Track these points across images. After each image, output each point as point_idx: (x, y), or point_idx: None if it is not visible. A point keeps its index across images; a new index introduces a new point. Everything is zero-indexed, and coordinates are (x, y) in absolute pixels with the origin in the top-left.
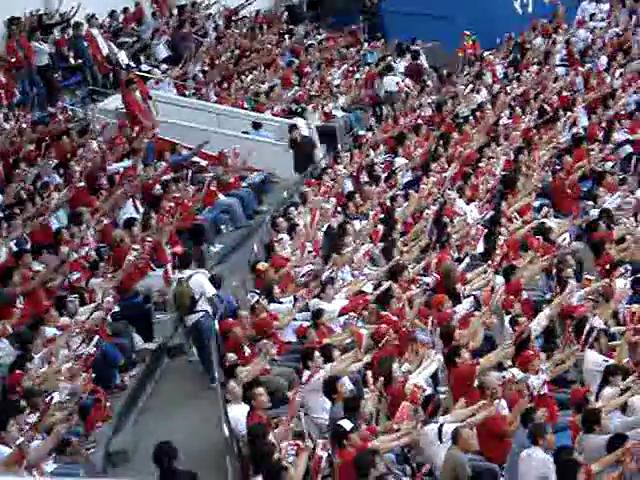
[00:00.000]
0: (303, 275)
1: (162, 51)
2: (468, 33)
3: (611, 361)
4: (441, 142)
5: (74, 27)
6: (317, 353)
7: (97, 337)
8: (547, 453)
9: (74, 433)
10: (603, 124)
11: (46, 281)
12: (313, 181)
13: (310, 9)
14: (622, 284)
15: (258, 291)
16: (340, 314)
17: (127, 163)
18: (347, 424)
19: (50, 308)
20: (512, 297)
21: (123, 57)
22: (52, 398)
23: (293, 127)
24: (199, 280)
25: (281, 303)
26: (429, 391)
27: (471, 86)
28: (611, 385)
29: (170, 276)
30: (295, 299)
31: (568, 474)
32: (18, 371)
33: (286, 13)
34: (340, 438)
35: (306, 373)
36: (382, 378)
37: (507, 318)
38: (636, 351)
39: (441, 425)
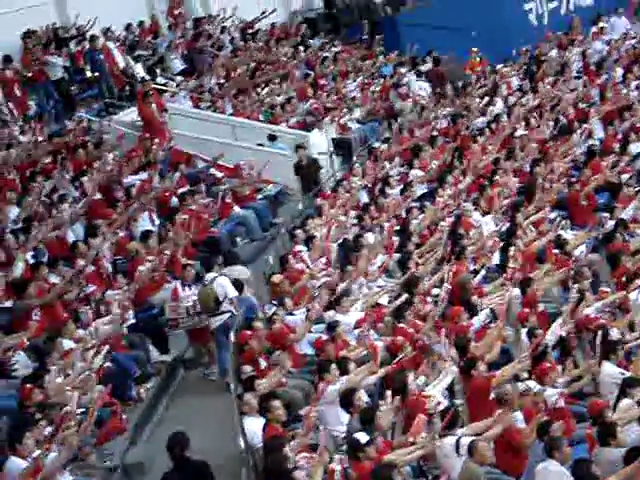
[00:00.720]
0: (319, 287)
1: (178, 64)
2: (475, 50)
3: (627, 373)
4: (456, 154)
5: (90, 40)
6: (333, 365)
7: (107, 348)
8: (563, 466)
9: (89, 444)
10: (619, 136)
11: (63, 293)
12: (328, 193)
13: (326, 22)
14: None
15: (274, 302)
16: (356, 327)
17: (143, 175)
18: (363, 437)
19: (67, 320)
20: (528, 309)
21: (139, 70)
22: (67, 411)
23: (299, 147)
24: (222, 282)
25: (293, 315)
26: (446, 403)
27: (487, 98)
28: (629, 397)
29: (179, 292)
30: (307, 310)
31: None
32: (29, 385)
33: (305, 25)
34: (356, 451)
35: (322, 386)
36: (397, 392)
37: (524, 331)
38: None
39: (459, 438)
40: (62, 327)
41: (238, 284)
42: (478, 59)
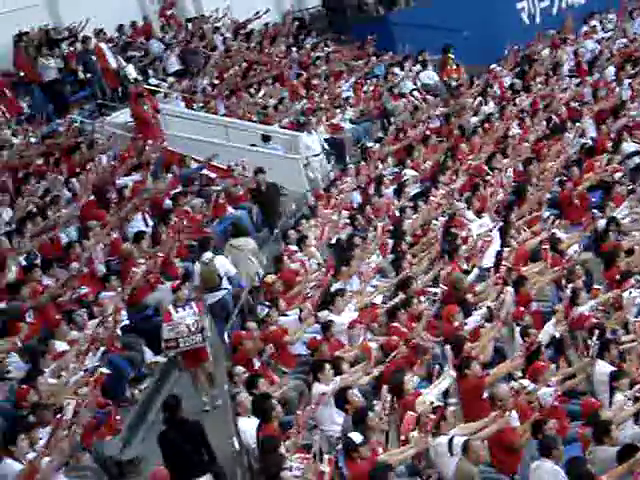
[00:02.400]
0: (312, 287)
1: (174, 64)
2: (452, 56)
3: None
4: (449, 154)
5: (82, 41)
6: (327, 365)
7: (102, 349)
8: (557, 465)
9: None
10: (612, 135)
11: (56, 296)
12: (322, 193)
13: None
14: (630, 294)
15: (267, 303)
16: (350, 327)
17: (136, 177)
18: (357, 437)
19: (60, 322)
20: (522, 308)
21: (131, 71)
22: (63, 415)
23: (259, 172)
24: (222, 261)
25: (287, 316)
26: (437, 403)
27: (480, 98)
28: (620, 391)
29: (173, 316)
30: (300, 311)
31: None
32: (24, 385)
33: (296, 23)
34: (350, 451)
35: (316, 385)
36: (394, 392)
37: (517, 329)
38: None
39: (452, 437)
40: (55, 329)
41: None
42: (455, 66)
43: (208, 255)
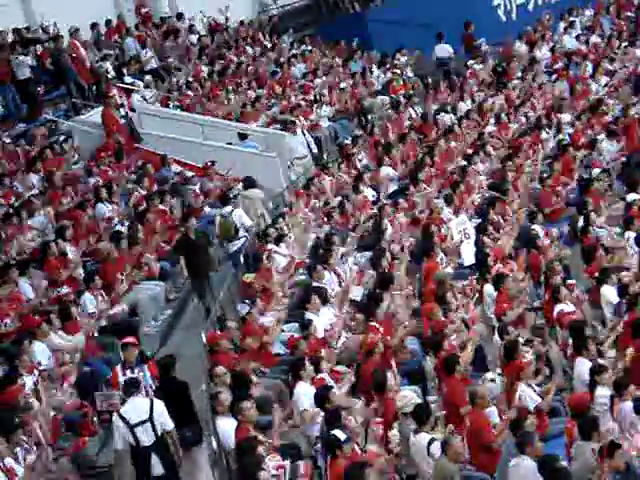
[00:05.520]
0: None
1: (153, 62)
2: (397, 71)
3: None
4: (428, 151)
5: (56, 40)
6: (307, 363)
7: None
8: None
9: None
10: (589, 131)
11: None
12: (301, 191)
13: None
14: (610, 291)
15: (248, 301)
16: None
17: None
18: (341, 434)
19: (41, 323)
20: (505, 305)
21: (106, 69)
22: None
23: (187, 216)
24: (239, 213)
25: (266, 316)
26: (416, 400)
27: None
28: (601, 385)
29: (118, 377)
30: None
31: None
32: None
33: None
34: (333, 448)
35: (299, 384)
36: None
37: (497, 327)
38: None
39: (431, 440)
40: (36, 329)
41: None
42: (401, 82)
43: (228, 208)
